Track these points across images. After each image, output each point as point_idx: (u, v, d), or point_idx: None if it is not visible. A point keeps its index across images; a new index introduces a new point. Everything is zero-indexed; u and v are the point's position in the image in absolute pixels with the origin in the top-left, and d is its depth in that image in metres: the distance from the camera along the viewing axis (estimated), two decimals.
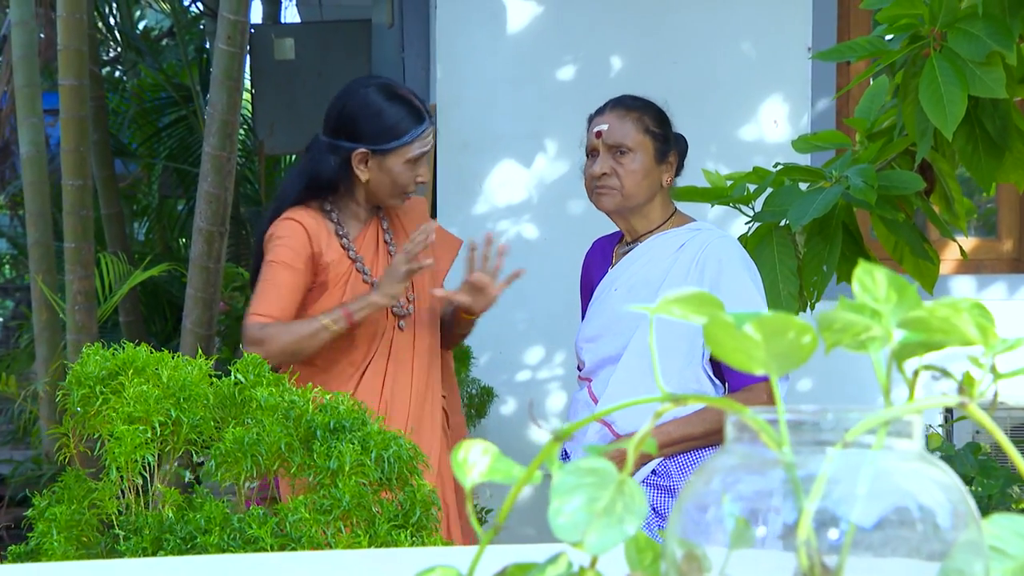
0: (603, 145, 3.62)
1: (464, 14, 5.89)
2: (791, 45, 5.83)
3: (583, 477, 0.89)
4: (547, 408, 5.91)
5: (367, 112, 3.65)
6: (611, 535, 0.85)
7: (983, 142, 3.67)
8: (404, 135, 3.65)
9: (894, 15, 3.60)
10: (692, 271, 3.55)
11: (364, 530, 2.51)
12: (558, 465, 0.91)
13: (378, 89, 3.70)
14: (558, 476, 0.88)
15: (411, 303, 3.76)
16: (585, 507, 0.87)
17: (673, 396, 0.94)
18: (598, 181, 3.61)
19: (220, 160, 5.36)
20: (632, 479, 0.91)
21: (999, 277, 5.89)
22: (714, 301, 0.94)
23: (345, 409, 2.64)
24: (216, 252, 5.45)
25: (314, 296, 3.68)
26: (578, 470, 0.89)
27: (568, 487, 0.87)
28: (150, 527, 2.51)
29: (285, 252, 3.62)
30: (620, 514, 0.87)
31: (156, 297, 8.42)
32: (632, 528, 0.86)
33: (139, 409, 2.58)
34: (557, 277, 5.85)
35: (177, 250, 9.68)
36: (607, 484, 0.88)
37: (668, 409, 0.95)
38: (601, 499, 0.87)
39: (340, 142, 3.66)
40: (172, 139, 9.73)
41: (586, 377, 3.70)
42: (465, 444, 0.97)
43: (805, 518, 0.83)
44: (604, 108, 3.69)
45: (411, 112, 3.68)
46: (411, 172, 3.67)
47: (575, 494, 0.87)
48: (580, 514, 0.86)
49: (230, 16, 5.27)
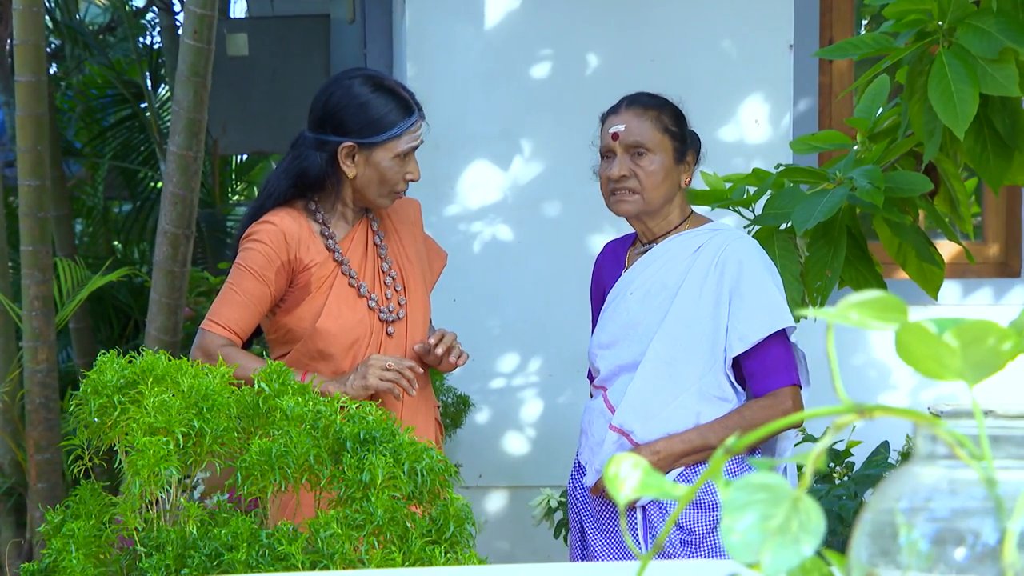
0: (620, 146, 3.50)
1: (435, 9, 5.74)
2: (773, 43, 5.73)
3: (754, 493, 0.85)
4: (522, 417, 5.75)
5: (353, 104, 3.53)
6: (787, 555, 0.81)
7: (992, 142, 3.58)
8: (392, 127, 3.52)
9: (902, 10, 3.49)
10: (711, 273, 3.43)
11: (398, 546, 2.40)
12: (725, 482, 0.88)
13: (364, 80, 3.59)
14: (729, 492, 0.85)
15: (403, 307, 3.62)
16: (758, 525, 0.83)
17: (857, 406, 0.88)
18: (616, 184, 3.49)
19: (186, 160, 5.20)
20: (808, 496, 0.85)
21: (985, 282, 5.81)
22: (898, 306, 0.88)
23: (375, 419, 2.54)
24: (182, 256, 5.30)
25: (296, 299, 3.57)
26: (749, 486, 0.85)
27: (739, 504, 0.84)
28: (173, 543, 2.39)
29: (257, 259, 3.52)
30: (796, 533, 0.82)
31: (102, 303, 8.21)
32: (809, 548, 0.82)
33: (160, 419, 2.45)
34: (532, 282, 5.71)
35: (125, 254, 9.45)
36: (781, 501, 0.84)
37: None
38: (775, 517, 0.83)
39: (326, 136, 3.54)
40: (118, 138, 9.52)
41: (600, 385, 3.56)
42: (615, 459, 0.94)
43: (1009, 539, 0.79)
44: (619, 107, 3.57)
45: (399, 104, 3.56)
46: (400, 168, 3.55)
47: (747, 511, 0.84)
48: (753, 533, 0.83)
49: (197, 10, 5.11)
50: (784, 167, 3.84)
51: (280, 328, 3.59)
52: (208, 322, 3.53)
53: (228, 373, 2.58)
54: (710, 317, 3.41)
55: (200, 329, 3.55)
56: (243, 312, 3.51)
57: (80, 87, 9.89)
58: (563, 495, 5.07)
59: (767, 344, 3.40)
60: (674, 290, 3.46)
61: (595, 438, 3.52)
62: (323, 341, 3.54)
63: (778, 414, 3.38)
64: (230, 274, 3.57)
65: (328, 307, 3.55)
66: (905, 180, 3.65)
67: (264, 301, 3.53)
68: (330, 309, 3.55)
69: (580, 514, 3.62)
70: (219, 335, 3.50)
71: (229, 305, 3.52)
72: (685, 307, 3.43)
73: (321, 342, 3.54)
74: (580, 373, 5.65)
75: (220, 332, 3.50)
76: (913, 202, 3.77)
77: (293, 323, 3.56)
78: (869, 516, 0.88)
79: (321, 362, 3.54)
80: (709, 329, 3.41)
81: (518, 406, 5.75)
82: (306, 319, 3.55)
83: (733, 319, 3.39)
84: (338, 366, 3.55)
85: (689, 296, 3.44)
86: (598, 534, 3.55)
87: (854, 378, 5.71)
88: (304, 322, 3.55)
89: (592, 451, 3.53)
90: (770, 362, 3.41)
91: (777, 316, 3.40)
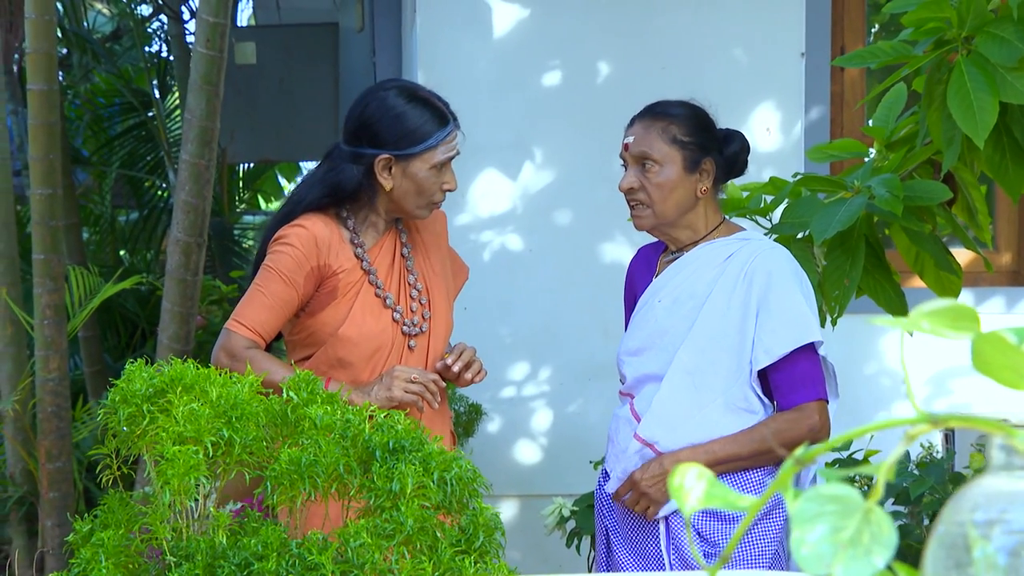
0: (630, 157, 3.48)
1: (446, 18, 5.73)
2: (784, 51, 5.72)
3: (825, 504, 0.84)
4: (532, 426, 5.74)
5: (388, 115, 3.51)
6: (859, 568, 0.81)
7: (1011, 150, 3.56)
8: (428, 138, 3.51)
9: (920, 18, 3.48)
10: (740, 283, 3.41)
11: (428, 556, 2.38)
12: (794, 493, 0.87)
13: (399, 91, 3.57)
14: (798, 503, 0.84)
15: (426, 320, 3.60)
16: (829, 537, 0.83)
17: (931, 417, 0.87)
18: (628, 196, 3.48)
19: (198, 168, 5.19)
20: (879, 507, 0.85)
21: (997, 290, 5.79)
22: (971, 315, 0.88)
23: (403, 428, 2.51)
24: (194, 264, 5.29)
25: (321, 303, 3.55)
26: (819, 497, 0.84)
27: (809, 515, 0.84)
28: (202, 553, 2.37)
29: (286, 262, 3.50)
30: (867, 545, 0.82)
31: (109, 312, 8.20)
32: (881, 560, 0.81)
33: (190, 428, 2.44)
34: (543, 290, 5.70)
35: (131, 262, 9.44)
36: (852, 512, 0.84)
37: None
38: (846, 528, 0.83)
39: (361, 149, 3.52)
40: (124, 147, 9.50)
41: (628, 393, 3.54)
42: (679, 470, 0.93)
43: None
44: (635, 117, 3.55)
45: (434, 114, 3.55)
46: (437, 179, 3.53)
47: (817, 523, 0.83)
48: (824, 545, 0.82)
49: (209, 19, 5.11)
50: (801, 176, 3.83)
51: (303, 331, 3.58)
52: (233, 322, 3.51)
53: (256, 382, 2.56)
54: (737, 329, 3.38)
55: (225, 328, 3.53)
56: (269, 315, 3.50)
57: (87, 96, 9.88)
58: (576, 504, 5.05)
59: (794, 357, 3.38)
60: (702, 299, 3.44)
61: (620, 446, 3.51)
62: (343, 349, 3.52)
63: (804, 428, 3.36)
64: (258, 275, 3.55)
65: (352, 315, 3.54)
66: (924, 189, 3.63)
67: (291, 305, 3.52)
68: (354, 317, 3.54)
69: (606, 521, 3.61)
70: (244, 336, 3.47)
71: (255, 307, 3.50)
72: (712, 318, 3.41)
73: (342, 350, 3.52)
74: (591, 381, 5.65)
75: (245, 333, 3.47)
76: (931, 211, 3.76)
77: (316, 327, 3.55)
78: (943, 528, 0.86)
79: (340, 370, 3.52)
80: (736, 341, 3.38)
81: (529, 415, 5.74)
82: (329, 324, 3.54)
83: (760, 331, 3.37)
84: (357, 375, 3.53)
85: (717, 307, 3.41)
86: (622, 542, 3.53)
87: (866, 387, 5.70)
88: (327, 327, 3.54)
89: (616, 459, 3.51)
90: (797, 376, 3.39)
91: (804, 330, 3.37)
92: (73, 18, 9.24)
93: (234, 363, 3.38)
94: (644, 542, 3.49)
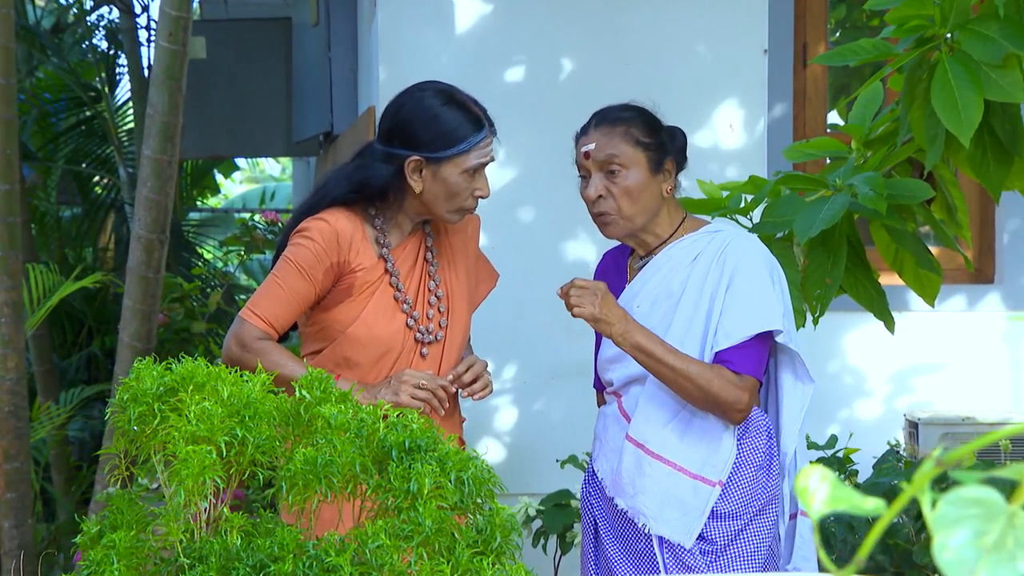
0: (593, 164, 3.43)
1: (407, 12, 5.69)
2: (747, 48, 5.71)
3: (967, 508, 0.82)
4: (496, 425, 5.70)
5: (423, 116, 3.47)
6: (1003, 573, 0.79)
7: (992, 148, 3.56)
8: (461, 142, 3.46)
9: (903, 16, 3.47)
10: (712, 272, 3.39)
11: (446, 557, 2.34)
12: (932, 495, 0.85)
13: (435, 93, 3.54)
14: (939, 507, 0.82)
15: (442, 329, 3.56)
16: (972, 542, 0.80)
17: None
18: (595, 206, 3.42)
19: (161, 164, 5.13)
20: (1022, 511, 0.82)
21: (959, 288, 5.81)
22: None
23: (418, 428, 2.47)
24: (156, 261, 5.22)
25: (336, 298, 3.52)
26: (961, 500, 0.82)
27: (951, 519, 0.81)
28: (216, 555, 2.32)
29: (306, 256, 3.47)
30: (1012, 549, 0.80)
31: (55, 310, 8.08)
32: None
33: (203, 428, 2.39)
34: (505, 288, 5.63)
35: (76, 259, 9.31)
36: (995, 516, 0.81)
37: None
38: (990, 533, 0.81)
39: (394, 149, 3.48)
40: (69, 143, 9.37)
41: (615, 392, 3.51)
42: (804, 471, 0.91)
43: None
44: (588, 125, 3.50)
45: (469, 118, 3.50)
46: (468, 184, 3.48)
47: (960, 527, 0.81)
48: (968, 550, 0.80)
49: (172, 12, 5.04)
50: (782, 174, 3.81)
51: (316, 324, 3.56)
52: (247, 311, 3.48)
53: (268, 381, 2.51)
54: (704, 316, 3.37)
55: (238, 317, 3.50)
56: (284, 308, 3.47)
57: (33, 90, 9.73)
58: (542, 503, 5.02)
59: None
60: (678, 297, 3.41)
61: (610, 444, 3.48)
62: (351, 348, 3.50)
63: (732, 396, 3.31)
64: (276, 266, 3.52)
65: (364, 315, 3.51)
66: (906, 187, 3.63)
67: (307, 299, 3.49)
68: (365, 317, 3.51)
69: (595, 515, 3.57)
70: (257, 327, 3.45)
71: (271, 298, 3.48)
72: (687, 311, 3.39)
73: (349, 349, 3.50)
74: (555, 380, 5.62)
75: (258, 324, 3.45)
76: (911, 209, 3.75)
77: (328, 322, 3.52)
78: None
79: (347, 370, 3.49)
80: (702, 328, 3.37)
81: (493, 414, 5.71)
82: (340, 322, 3.51)
83: (724, 316, 3.34)
84: (364, 377, 3.50)
85: (691, 300, 3.39)
86: (613, 538, 3.51)
87: (829, 384, 5.70)
88: (338, 324, 3.51)
89: (607, 458, 3.49)
90: (748, 352, 3.36)
91: (767, 317, 3.35)
92: (19, 11, 9.12)
93: (244, 353, 3.39)
94: (636, 540, 3.46)
